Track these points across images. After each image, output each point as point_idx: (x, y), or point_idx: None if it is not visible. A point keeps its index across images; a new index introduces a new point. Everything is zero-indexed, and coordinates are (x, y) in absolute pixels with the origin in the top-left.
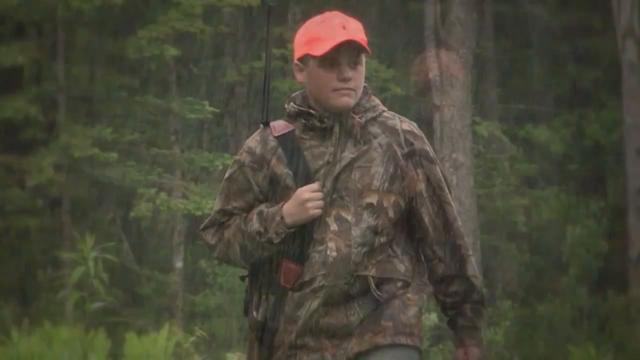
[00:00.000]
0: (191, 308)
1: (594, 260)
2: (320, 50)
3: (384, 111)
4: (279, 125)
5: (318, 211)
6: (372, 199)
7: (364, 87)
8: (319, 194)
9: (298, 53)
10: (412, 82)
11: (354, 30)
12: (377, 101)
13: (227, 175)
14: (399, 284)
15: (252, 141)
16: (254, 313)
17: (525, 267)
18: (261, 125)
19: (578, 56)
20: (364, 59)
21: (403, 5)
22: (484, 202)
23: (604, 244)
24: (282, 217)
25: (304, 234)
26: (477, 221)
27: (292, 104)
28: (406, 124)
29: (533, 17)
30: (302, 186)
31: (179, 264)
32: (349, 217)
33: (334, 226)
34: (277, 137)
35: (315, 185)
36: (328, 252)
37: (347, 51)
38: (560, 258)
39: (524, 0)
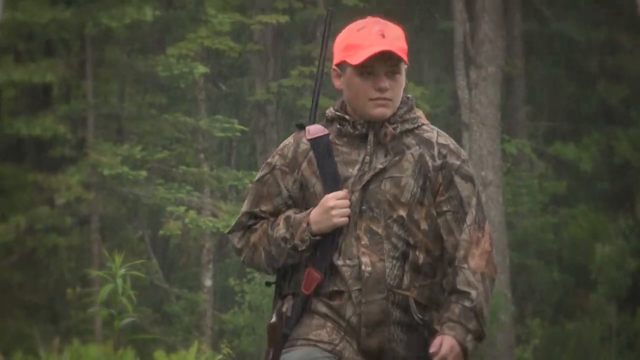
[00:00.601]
0: (220, 326)
1: (622, 278)
2: (357, 59)
3: (423, 124)
4: (314, 129)
5: (343, 219)
6: (403, 211)
7: (408, 98)
8: (345, 202)
9: (336, 59)
10: (441, 99)
11: (393, 38)
12: (419, 114)
13: (257, 177)
14: (435, 310)
15: (286, 143)
16: (273, 317)
17: (554, 285)
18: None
19: (607, 74)
20: (403, 68)
21: (432, 24)
22: (513, 220)
23: (632, 262)
24: (308, 224)
25: (331, 242)
26: (506, 239)
27: (331, 108)
28: (443, 138)
29: (561, 34)
30: (330, 193)
31: (208, 282)
32: (380, 230)
33: (364, 240)
34: (310, 140)
35: (341, 193)
36: (363, 267)
37: (384, 60)
38: (589, 276)
39: (553, 18)
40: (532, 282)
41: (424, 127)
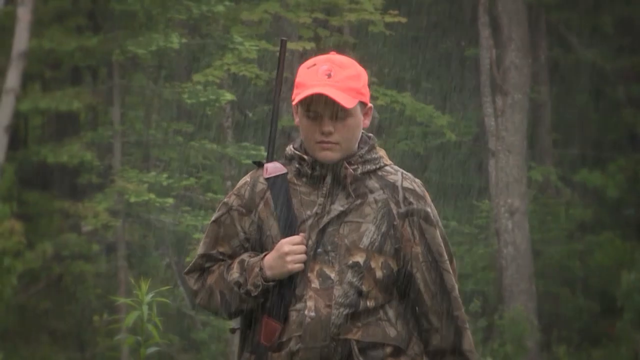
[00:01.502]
0: None
1: None
2: (297, 99)
3: (386, 165)
4: (272, 168)
5: (298, 266)
6: (359, 257)
7: (369, 137)
8: (301, 247)
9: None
10: (468, 126)
11: (341, 78)
12: (382, 154)
13: (214, 217)
14: (388, 349)
15: (242, 183)
16: None
17: (580, 311)
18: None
19: (633, 101)
20: (357, 110)
21: (459, 51)
22: (540, 247)
23: None
24: (261, 269)
25: (286, 289)
26: (533, 266)
27: (291, 146)
28: (408, 182)
29: (587, 61)
30: (287, 236)
31: None
32: (332, 275)
33: (315, 283)
34: (267, 179)
35: (297, 238)
36: (306, 312)
37: (328, 103)
38: (615, 303)
39: (579, 45)
40: (558, 309)
41: (387, 168)
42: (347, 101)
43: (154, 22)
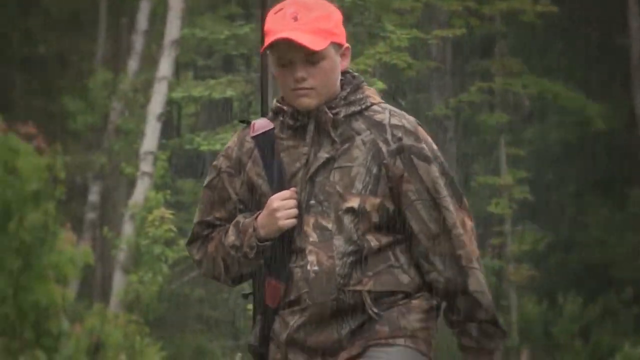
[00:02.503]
0: None
1: None
2: (263, 47)
3: (373, 104)
4: (259, 124)
5: (289, 222)
6: (354, 202)
7: (353, 77)
8: (290, 202)
9: None
10: (618, 116)
11: (308, 20)
12: (369, 92)
13: (205, 182)
14: (400, 296)
15: (230, 143)
16: (251, 336)
17: None
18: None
19: None
20: (330, 51)
21: (608, 40)
22: None
23: None
24: (255, 229)
25: (285, 246)
26: None
27: (276, 99)
28: (396, 119)
29: None
30: (277, 192)
31: None
32: (330, 225)
33: (313, 236)
34: (254, 138)
35: (286, 193)
36: (309, 267)
37: (297, 48)
38: None
39: None
40: None
41: (374, 107)
42: (315, 43)
43: None
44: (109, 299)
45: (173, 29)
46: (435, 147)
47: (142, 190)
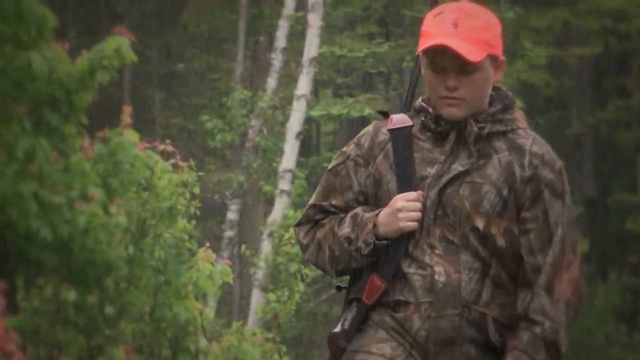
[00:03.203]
0: None
1: None
2: (419, 49)
3: (519, 128)
4: (398, 119)
5: (411, 224)
6: (480, 223)
7: (507, 95)
8: (416, 205)
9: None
10: None
11: (468, 29)
12: (517, 116)
13: (330, 166)
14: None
15: (364, 132)
16: (337, 326)
17: None
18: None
19: None
20: (486, 63)
21: None
22: None
23: None
24: (375, 226)
25: (398, 248)
26: None
27: (421, 98)
28: (538, 146)
29: None
30: (403, 192)
31: None
32: (456, 240)
33: (439, 248)
34: (390, 131)
35: (413, 194)
36: (436, 277)
37: (453, 56)
38: None
39: None
40: None
41: (519, 131)
42: (472, 54)
43: None
44: (247, 317)
45: (312, 46)
46: (568, 187)
47: (280, 208)
